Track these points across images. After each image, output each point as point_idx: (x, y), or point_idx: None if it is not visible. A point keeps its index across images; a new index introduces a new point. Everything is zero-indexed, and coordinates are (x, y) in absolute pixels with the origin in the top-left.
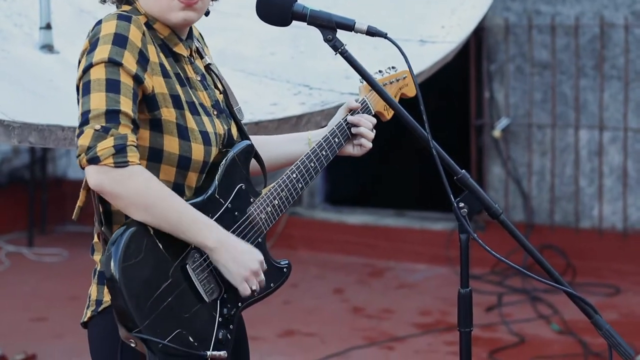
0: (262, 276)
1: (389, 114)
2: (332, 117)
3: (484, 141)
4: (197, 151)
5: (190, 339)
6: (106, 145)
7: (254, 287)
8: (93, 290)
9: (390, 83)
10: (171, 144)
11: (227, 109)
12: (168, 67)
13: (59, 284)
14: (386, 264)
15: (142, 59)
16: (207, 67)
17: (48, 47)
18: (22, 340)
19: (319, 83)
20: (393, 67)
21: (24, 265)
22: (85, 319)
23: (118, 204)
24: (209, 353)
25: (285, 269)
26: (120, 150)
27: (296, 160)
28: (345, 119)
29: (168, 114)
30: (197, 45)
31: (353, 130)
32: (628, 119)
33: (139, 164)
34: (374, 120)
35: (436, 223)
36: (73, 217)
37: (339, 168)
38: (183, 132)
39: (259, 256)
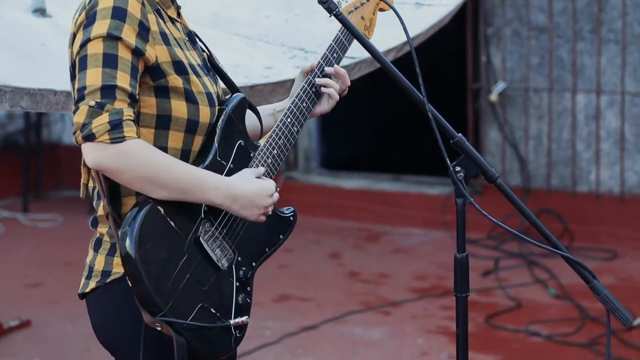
0: (276, 195)
1: (371, 33)
2: None
3: (481, 105)
4: (204, 113)
5: (213, 311)
6: (101, 122)
7: (270, 213)
8: (98, 260)
9: (362, 4)
10: (179, 109)
11: (211, 67)
12: (168, 32)
13: (54, 250)
14: (382, 229)
15: (143, 30)
16: (188, 27)
17: (40, 11)
18: (17, 306)
19: (314, 47)
20: None
21: (19, 231)
22: (87, 290)
23: (119, 178)
24: (232, 321)
25: (291, 217)
26: (115, 125)
27: (264, 132)
28: (311, 80)
29: (175, 80)
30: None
31: (322, 90)
32: (625, 83)
33: (137, 137)
34: (344, 72)
35: (432, 187)
36: (80, 195)
37: (335, 132)
38: (191, 96)
39: (268, 190)
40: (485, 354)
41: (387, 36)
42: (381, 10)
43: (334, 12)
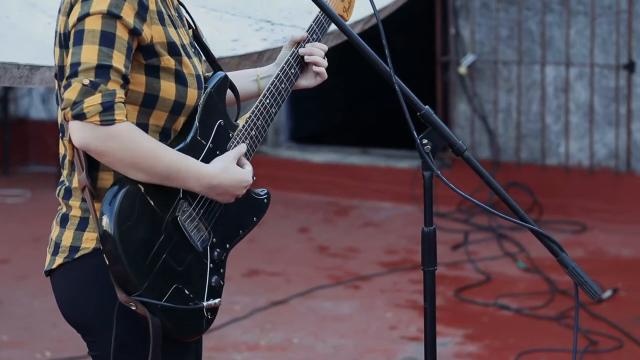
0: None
1: (349, 15)
2: None
3: (450, 78)
4: (192, 96)
5: (186, 292)
6: (93, 102)
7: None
8: (66, 236)
9: None
10: (168, 90)
11: (198, 45)
12: (164, 11)
13: (21, 226)
14: (351, 203)
15: (142, 9)
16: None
17: None
18: None
19: (281, 19)
20: None
21: None
22: (54, 266)
23: (104, 160)
24: (205, 303)
25: (265, 200)
26: (107, 107)
27: (244, 97)
28: (297, 50)
29: (167, 61)
30: None
31: (306, 59)
32: (594, 55)
33: (126, 121)
34: (326, 48)
35: (401, 161)
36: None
37: (303, 106)
38: (182, 78)
39: (246, 182)
40: (455, 328)
41: (355, 8)
42: None
43: None
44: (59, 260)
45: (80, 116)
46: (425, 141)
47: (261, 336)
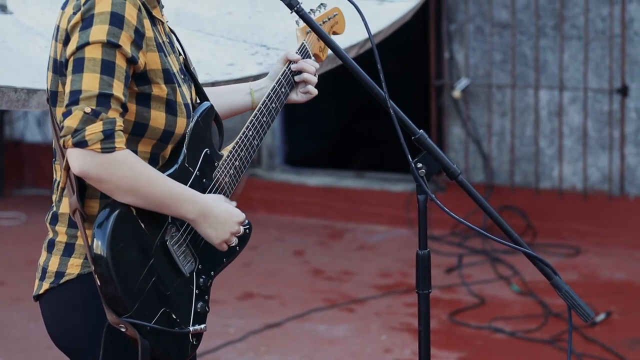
0: (242, 230)
1: (324, 55)
2: None
3: (444, 102)
4: (181, 124)
5: (173, 316)
6: (95, 130)
7: (233, 244)
8: (52, 261)
9: (323, 22)
10: (158, 119)
11: (187, 72)
12: (158, 37)
13: (17, 248)
14: (346, 226)
15: (138, 37)
16: (169, 27)
17: (1, 8)
18: None
19: (276, 43)
20: (322, 5)
21: None
22: (41, 291)
23: (102, 187)
24: (191, 328)
25: (247, 230)
26: (108, 135)
27: (239, 111)
28: (289, 68)
29: (159, 89)
30: None
31: (297, 78)
32: (588, 79)
33: (125, 149)
34: (317, 65)
35: (396, 184)
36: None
37: (299, 129)
38: (172, 107)
39: (238, 217)
40: (449, 351)
41: (350, 33)
42: (334, 34)
43: (295, 9)
44: (45, 285)
45: (82, 144)
46: (419, 165)
47: (256, 359)
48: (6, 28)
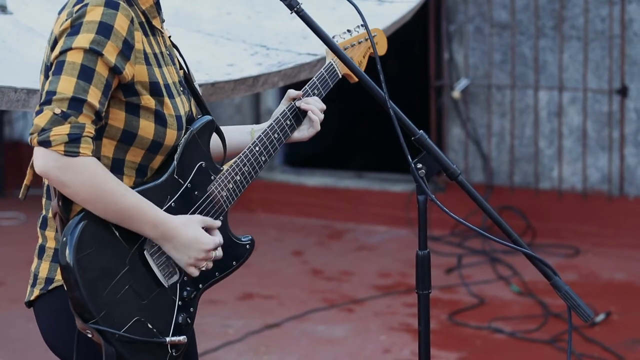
0: (216, 254)
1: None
2: (289, 78)
3: (444, 102)
4: (170, 136)
5: (149, 326)
6: (61, 132)
7: (203, 269)
8: (42, 267)
9: (359, 43)
10: (147, 129)
11: (187, 85)
12: (148, 51)
13: (16, 248)
14: (345, 226)
15: (126, 48)
16: (170, 40)
17: (1, 8)
18: None
19: (276, 43)
20: (361, 25)
21: None
22: (32, 298)
23: (64, 191)
24: (168, 339)
25: (247, 246)
26: (74, 139)
27: (238, 149)
28: (294, 104)
29: (147, 101)
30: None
31: (303, 106)
32: (587, 80)
33: (91, 156)
34: (323, 106)
35: (396, 185)
36: (20, 196)
37: None
38: (161, 119)
39: (205, 245)
40: (448, 351)
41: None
42: (372, 55)
43: (295, 9)
44: (36, 292)
45: (45, 143)
46: (419, 165)
47: (255, 359)
48: (6, 29)
